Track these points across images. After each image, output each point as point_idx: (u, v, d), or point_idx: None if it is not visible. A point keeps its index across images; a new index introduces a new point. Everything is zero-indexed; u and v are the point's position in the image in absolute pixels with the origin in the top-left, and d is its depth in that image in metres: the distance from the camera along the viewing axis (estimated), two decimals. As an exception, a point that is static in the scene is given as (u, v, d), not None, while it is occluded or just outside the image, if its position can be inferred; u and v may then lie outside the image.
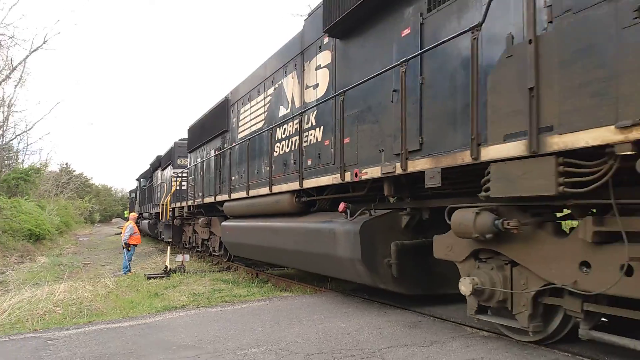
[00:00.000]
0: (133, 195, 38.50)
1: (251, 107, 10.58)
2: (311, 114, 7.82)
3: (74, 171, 57.58)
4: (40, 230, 25.98)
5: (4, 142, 30.91)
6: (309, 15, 8.18)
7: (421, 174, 5.07)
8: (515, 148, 3.94)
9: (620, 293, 3.53)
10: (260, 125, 10.02)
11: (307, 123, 7.90)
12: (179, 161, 18.29)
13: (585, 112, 3.39)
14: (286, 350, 4.59)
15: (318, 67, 7.72)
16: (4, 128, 30.00)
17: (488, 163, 4.23)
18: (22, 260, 20.02)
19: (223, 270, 13.06)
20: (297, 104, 8.43)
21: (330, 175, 7.01)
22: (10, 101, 29.66)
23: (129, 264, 14.06)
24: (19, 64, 24.32)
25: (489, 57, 4.40)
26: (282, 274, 10.67)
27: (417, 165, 5.20)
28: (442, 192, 5.46)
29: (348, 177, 6.49)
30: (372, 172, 5.96)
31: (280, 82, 9.17)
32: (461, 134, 4.65)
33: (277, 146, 9.00)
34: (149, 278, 11.70)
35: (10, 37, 23.18)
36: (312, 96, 7.88)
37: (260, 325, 5.70)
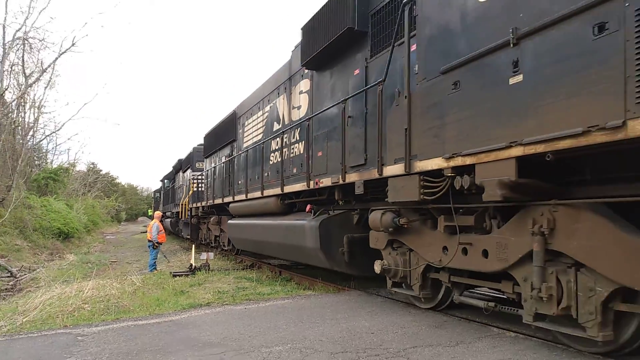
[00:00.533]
0: (157, 195, 40.55)
1: (253, 121, 12.13)
2: (296, 130, 9.23)
3: (100, 171, 58.81)
4: (69, 229, 26.64)
5: (34, 142, 31.75)
6: (295, 47, 9.50)
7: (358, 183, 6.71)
8: (399, 168, 5.63)
9: (459, 266, 5.32)
10: (259, 137, 11.49)
11: (293, 138, 9.35)
12: (197, 165, 19.50)
13: (431, 147, 5.07)
14: (311, 349, 4.59)
15: (301, 92, 9.21)
16: (35, 129, 30.80)
17: (387, 178, 5.93)
18: (52, 258, 20.57)
19: (247, 268, 13.16)
20: (286, 121, 9.91)
21: (302, 183, 8.58)
22: (40, 102, 30.45)
23: (155, 262, 14.32)
24: (49, 66, 24.95)
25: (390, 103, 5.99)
26: (305, 272, 10.68)
27: (351, 177, 6.90)
28: (378, 198, 6.76)
29: (312, 184, 8.19)
30: (326, 181, 7.68)
31: (274, 102, 10.72)
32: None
33: (272, 156, 10.49)
34: (174, 276, 11.87)
35: (41, 40, 23.75)
36: (296, 116, 9.35)
37: (284, 323, 5.72)
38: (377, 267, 6.40)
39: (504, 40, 4.16)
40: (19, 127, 28.47)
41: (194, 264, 12.72)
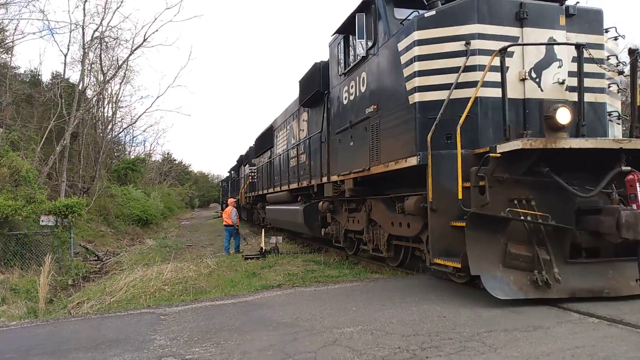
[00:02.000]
0: (225, 184, 44.88)
1: (281, 134, 15.99)
2: (302, 145, 12.67)
3: (174, 160, 61.65)
4: (147, 216, 28.29)
5: (113, 135, 33.81)
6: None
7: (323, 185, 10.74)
8: (325, 179, 10.20)
9: (351, 228, 10.04)
10: (285, 147, 15.15)
11: (300, 151, 12.84)
12: (252, 161, 22.59)
13: (333, 170, 9.75)
14: (381, 331, 4.60)
15: (303, 120, 12.75)
16: (113, 122, 32.80)
17: (323, 184, 10.46)
18: (133, 243, 21.98)
19: (314, 252, 13.39)
20: (298, 138, 13.37)
21: (296, 183, 13.03)
22: (117, 97, 32.32)
23: (239, 244, 15.37)
24: (124, 62, 26.29)
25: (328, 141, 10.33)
26: (373, 257, 10.68)
27: (312, 182, 11.50)
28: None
29: (299, 185, 12.72)
30: (304, 183, 12.19)
31: (291, 124, 14.42)
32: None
33: (292, 161, 13.91)
34: (246, 259, 12.31)
35: (115, 39, 25.08)
36: (302, 136, 12.87)
37: (354, 305, 5.77)
38: (322, 232, 11.47)
39: (347, 125, 8.95)
40: (99, 122, 30.45)
41: (264, 247, 13.11)
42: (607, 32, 6.82)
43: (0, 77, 22.98)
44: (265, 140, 18.48)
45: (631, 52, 6.34)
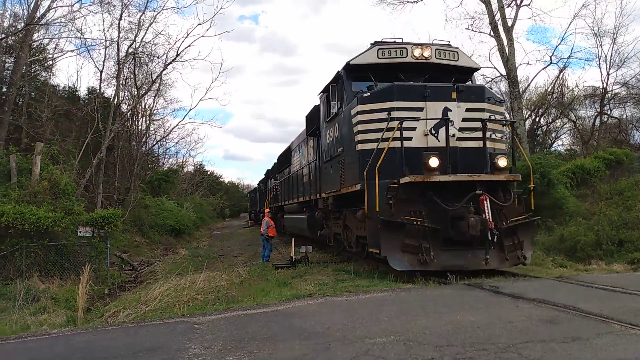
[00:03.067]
0: (252, 195, 49.37)
1: (296, 155, 18.46)
2: (307, 168, 15.61)
3: (206, 171, 62.63)
4: (180, 226, 28.77)
5: (147, 147, 34.64)
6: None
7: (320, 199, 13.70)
8: (322, 195, 13.06)
9: (338, 231, 12.69)
10: (298, 166, 17.77)
11: (306, 171, 15.76)
12: (276, 175, 25.04)
13: (323, 189, 12.91)
14: (414, 341, 4.56)
15: (310, 146, 15.15)
16: (147, 135, 33.61)
17: (318, 199, 13.80)
18: (166, 253, 22.38)
19: (344, 261, 13.33)
20: (307, 161, 15.80)
21: (302, 197, 16.36)
22: (150, 111, 33.14)
23: (269, 254, 15.46)
24: (157, 77, 26.94)
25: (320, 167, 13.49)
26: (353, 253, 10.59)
27: (314, 197, 14.26)
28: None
29: (305, 198, 15.90)
30: (307, 197, 15.34)
31: (302, 147, 16.89)
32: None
33: (303, 178, 16.53)
34: (276, 268, 12.38)
35: (148, 54, 25.78)
36: (309, 160, 15.35)
37: (385, 315, 5.73)
38: (319, 233, 14.26)
39: (329, 158, 11.97)
40: (134, 135, 31.26)
41: (294, 257, 13.16)
42: (488, 100, 9.75)
43: (41, 94, 23.94)
44: (285, 158, 21.44)
45: (511, 123, 10.59)
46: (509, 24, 22.56)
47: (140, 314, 8.34)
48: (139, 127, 32.82)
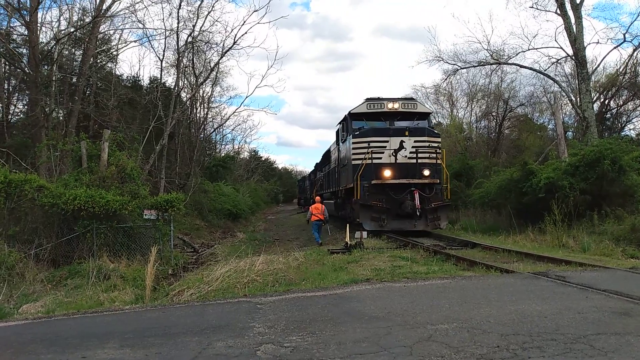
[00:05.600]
0: (301, 183, 55.39)
1: (333, 156, 22.61)
2: (336, 167, 20.54)
3: (260, 157, 63.80)
4: (237, 210, 29.55)
5: (205, 134, 35.69)
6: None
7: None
8: (340, 188, 19.91)
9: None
10: (333, 165, 22.42)
11: (335, 170, 20.84)
12: (322, 169, 29.63)
13: (341, 183, 19.46)
14: (478, 329, 4.48)
15: (340, 150, 19.66)
16: (205, 122, 34.61)
17: (339, 189, 20.08)
18: (225, 236, 23.10)
19: (400, 247, 13.24)
20: (337, 162, 20.46)
21: (333, 188, 22.23)
22: (208, 99, 34.07)
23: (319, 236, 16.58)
24: (215, 65, 27.62)
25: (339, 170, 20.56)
26: (463, 253, 10.38)
27: (337, 189, 20.76)
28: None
29: (333, 189, 22.25)
30: (334, 188, 22.18)
31: (335, 152, 21.35)
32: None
33: (334, 174, 21.70)
34: (332, 253, 12.47)
35: (206, 43, 26.41)
36: (336, 163, 20.81)
37: (446, 302, 5.66)
38: (340, 214, 21.05)
39: (342, 165, 19.00)
40: (193, 122, 32.26)
41: (349, 242, 13.19)
42: (428, 135, 16.30)
43: (107, 84, 25.14)
44: (326, 157, 26.78)
45: (440, 150, 16.60)
46: (577, 1, 21.31)
47: (203, 294, 8.66)
48: (198, 115, 33.83)
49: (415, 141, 15.71)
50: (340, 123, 19.30)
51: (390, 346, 4.08)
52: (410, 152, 15.61)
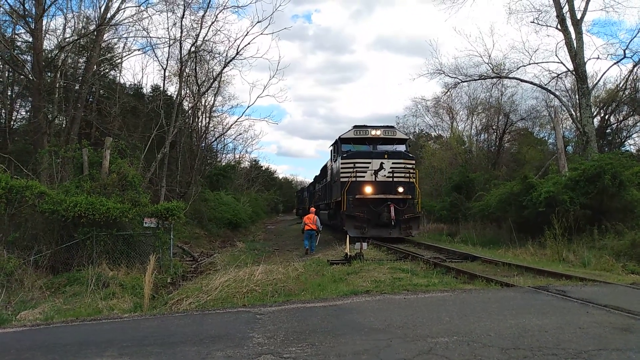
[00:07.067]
0: (299, 194, 58.35)
1: (328, 172, 24.60)
2: (330, 182, 22.90)
3: (261, 167, 63.84)
4: (237, 219, 29.52)
5: (206, 143, 35.74)
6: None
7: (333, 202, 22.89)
8: (332, 200, 22.62)
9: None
10: (327, 179, 24.41)
11: (329, 184, 23.11)
12: (320, 181, 31.39)
13: (333, 196, 21.82)
14: (478, 343, 4.46)
15: (332, 167, 22.54)
16: (206, 132, 34.68)
17: (331, 202, 22.61)
18: (224, 245, 23.05)
19: (400, 259, 13.21)
20: (331, 177, 22.78)
21: (327, 200, 24.57)
22: (210, 108, 34.19)
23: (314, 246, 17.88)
24: (218, 75, 27.77)
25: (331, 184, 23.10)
26: (463, 266, 10.35)
27: (330, 201, 23.46)
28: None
29: (327, 201, 24.51)
30: (327, 201, 24.33)
31: (330, 168, 23.48)
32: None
33: (328, 188, 23.60)
34: (331, 264, 12.43)
35: (209, 52, 26.57)
36: (330, 178, 23.44)
37: (446, 315, 5.63)
38: (332, 222, 23.88)
39: (334, 180, 21.65)
40: (194, 131, 32.35)
41: (349, 253, 13.16)
42: (404, 158, 19.14)
43: (110, 91, 25.27)
44: (323, 171, 28.76)
45: (414, 170, 19.54)
46: (578, 17, 21.48)
47: (202, 303, 8.63)
48: (200, 124, 33.92)
49: (393, 163, 18.58)
50: (332, 145, 22.49)
51: (390, 359, 4.06)
52: (388, 172, 18.41)
